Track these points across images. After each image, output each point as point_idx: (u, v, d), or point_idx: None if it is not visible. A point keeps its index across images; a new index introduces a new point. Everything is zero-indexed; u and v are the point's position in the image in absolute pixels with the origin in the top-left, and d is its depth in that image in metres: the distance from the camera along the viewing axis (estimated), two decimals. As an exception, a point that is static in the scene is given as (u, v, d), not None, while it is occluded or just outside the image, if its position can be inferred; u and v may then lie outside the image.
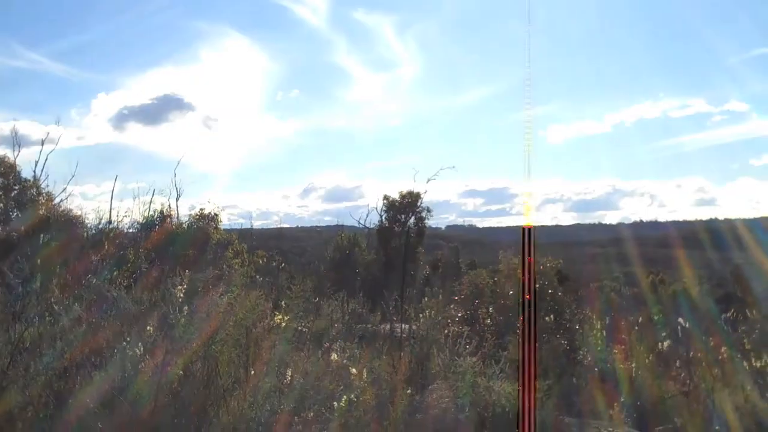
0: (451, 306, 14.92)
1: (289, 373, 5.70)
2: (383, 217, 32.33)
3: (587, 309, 16.47)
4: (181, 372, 5.50)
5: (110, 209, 18.63)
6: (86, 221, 18.98)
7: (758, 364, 11.03)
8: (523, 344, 11.05)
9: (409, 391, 7.47)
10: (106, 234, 17.03)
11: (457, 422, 8.72)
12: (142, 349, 5.73)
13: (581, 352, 12.05)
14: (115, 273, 10.30)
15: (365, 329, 15.22)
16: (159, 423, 5.26)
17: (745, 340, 12.95)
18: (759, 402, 9.60)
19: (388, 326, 15.09)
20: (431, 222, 34.15)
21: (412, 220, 31.99)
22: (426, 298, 14.53)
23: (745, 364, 11.62)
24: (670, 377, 13.05)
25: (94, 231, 18.01)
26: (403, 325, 13.57)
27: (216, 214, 24.81)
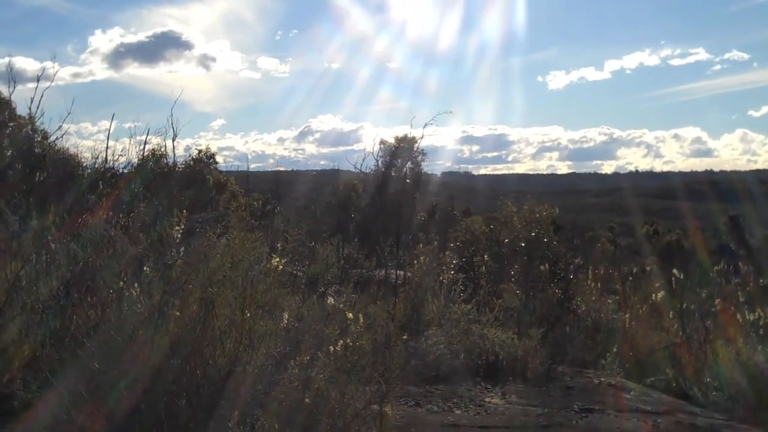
0: (446, 253, 14.93)
1: (285, 316, 5.69)
2: (379, 162, 32.27)
3: (582, 258, 16.52)
4: (177, 313, 5.49)
5: (106, 148, 18.52)
6: (82, 160, 18.89)
7: (751, 317, 11.06)
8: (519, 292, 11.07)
9: (405, 337, 7.48)
10: (102, 173, 16.97)
11: (452, 368, 8.77)
12: (138, 289, 5.72)
13: (575, 302, 12.08)
14: (110, 213, 10.25)
15: (360, 274, 15.25)
16: (155, 363, 5.27)
17: (738, 293, 12.96)
18: (751, 355, 9.64)
19: (383, 272, 15.14)
20: (427, 168, 34.13)
21: (408, 165, 31.92)
22: (421, 245, 14.55)
23: (738, 316, 11.65)
24: (663, 329, 13.12)
25: (89, 170, 17.93)
26: (398, 271, 13.61)
27: (212, 155, 24.78)
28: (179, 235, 5.97)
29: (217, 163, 25.09)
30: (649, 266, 22.70)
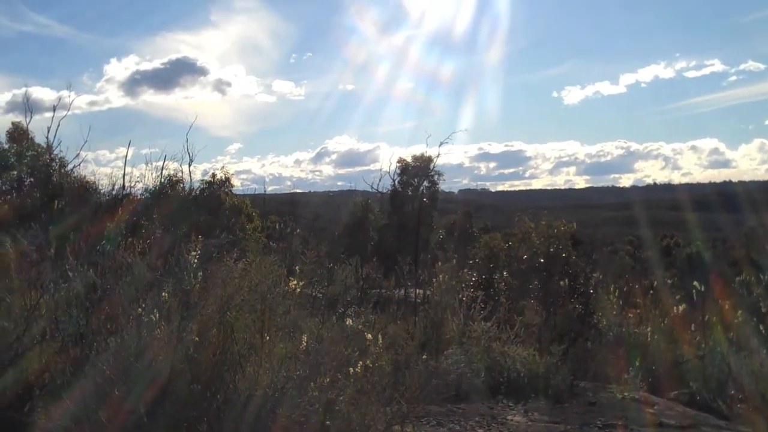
0: (465, 270, 14.89)
1: (305, 338, 5.67)
2: (396, 181, 32.30)
3: (601, 272, 16.43)
4: (196, 338, 5.49)
5: (123, 175, 18.63)
6: (99, 187, 19.01)
7: (774, 328, 10.97)
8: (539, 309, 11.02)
9: (424, 357, 7.46)
10: (120, 200, 17.06)
11: (473, 387, 8.73)
12: (157, 315, 5.72)
13: (596, 317, 12.01)
14: (129, 239, 10.28)
15: (379, 294, 15.22)
16: (175, 389, 5.27)
17: (761, 304, 12.86)
18: (775, 365, 9.56)
19: (402, 291, 15.11)
20: (444, 186, 34.14)
21: (425, 184, 31.94)
22: (439, 263, 14.52)
23: (761, 327, 11.56)
24: (685, 341, 13.02)
25: (107, 197, 18.03)
26: (417, 290, 13.58)
27: (228, 179, 24.83)
28: (196, 260, 5.96)
29: (233, 186, 25.14)
30: (669, 279, 22.57)
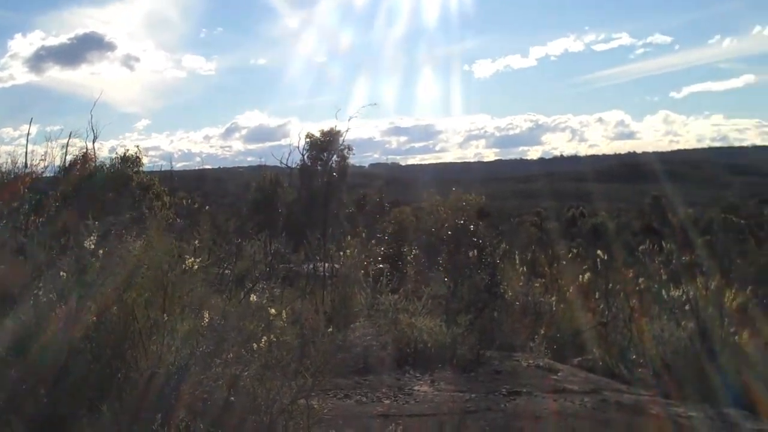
0: (375, 244, 14.96)
1: (206, 314, 5.62)
2: (305, 156, 32.13)
3: (508, 244, 16.67)
4: (94, 318, 5.39)
5: (26, 153, 18.12)
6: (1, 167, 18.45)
7: (675, 294, 11.26)
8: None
9: (330, 330, 7.46)
10: (21, 178, 16.61)
11: (381, 359, 8.78)
12: (54, 294, 5.60)
13: (502, 287, 12.17)
14: (24, 218, 10.04)
15: (288, 269, 15.17)
16: (74, 368, 5.18)
17: (662, 271, 13.21)
18: (675, 331, 9.82)
19: (311, 266, 15.09)
20: (354, 160, 34.12)
21: (334, 158, 31.86)
22: (349, 237, 14.55)
23: (663, 293, 11.87)
24: (588, 309, 13.30)
25: (9, 176, 17.53)
26: (325, 264, 13.58)
27: (137, 156, 24.37)
28: (94, 238, 5.84)
29: (141, 163, 24.66)
30: (575, 249, 23.02)
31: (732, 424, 7.69)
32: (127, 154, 23.63)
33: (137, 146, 23.89)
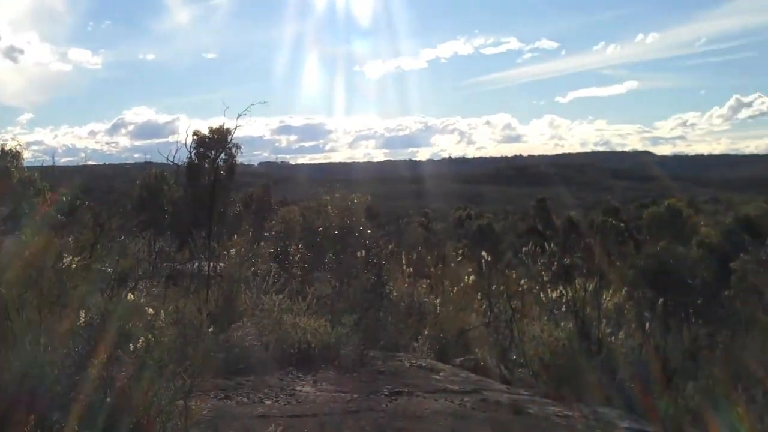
0: (261, 243, 14.88)
1: (83, 314, 5.51)
2: (192, 154, 31.66)
3: (395, 244, 16.81)
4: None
5: None
6: None
7: (554, 295, 11.54)
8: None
9: (211, 330, 7.41)
10: None
11: (263, 359, 8.74)
12: None
13: (388, 287, 12.26)
14: None
15: (172, 268, 14.95)
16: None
17: (543, 272, 13.52)
18: (554, 331, 10.05)
19: (195, 264, 14.91)
20: (243, 159, 33.82)
21: (222, 156, 31.48)
22: (236, 236, 14.45)
23: (542, 295, 12.14)
24: (473, 310, 13.51)
25: None
26: (210, 263, 13.44)
27: (17, 151, 23.68)
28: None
29: (22, 158, 23.96)
30: (460, 250, 23.33)
31: (607, 423, 7.91)
32: (6, 149, 22.96)
33: (15, 140, 23.22)
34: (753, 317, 15.24)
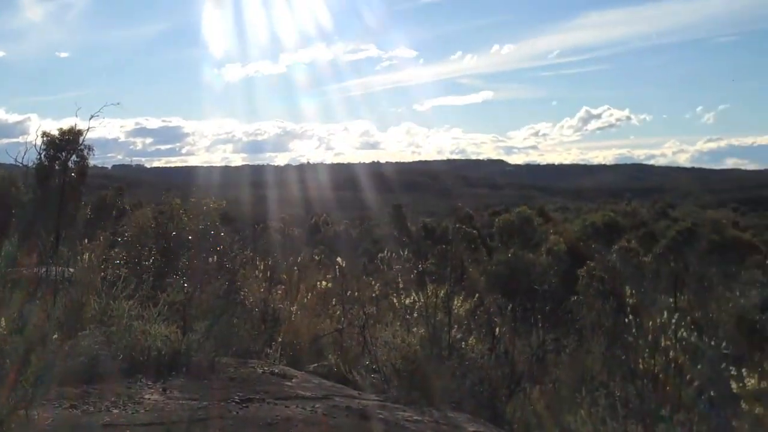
0: (114, 248, 14.58)
1: None
2: (42, 155, 30.70)
3: (250, 250, 16.75)
4: None
5: None
6: None
7: (407, 301, 11.72)
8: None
9: (56, 337, 7.21)
10: None
11: (112, 367, 8.56)
12: None
13: (242, 293, 12.20)
14: None
15: (18, 273, 14.46)
16: None
17: (398, 279, 13.69)
18: (406, 337, 10.21)
19: (43, 269, 14.48)
20: (97, 161, 33.03)
21: (73, 158, 30.65)
22: (86, 240, 14.13)
23: (395, 301, 12.31)
24: (327, 316, 13.60)
25: None
26: (57, 268, 13.08)
27: None
28: None
29: None
30: (317, 256, 23.43)
31: (456, 426, 8.10)
32: None
33: None
34: (598, 322, 15.87)
